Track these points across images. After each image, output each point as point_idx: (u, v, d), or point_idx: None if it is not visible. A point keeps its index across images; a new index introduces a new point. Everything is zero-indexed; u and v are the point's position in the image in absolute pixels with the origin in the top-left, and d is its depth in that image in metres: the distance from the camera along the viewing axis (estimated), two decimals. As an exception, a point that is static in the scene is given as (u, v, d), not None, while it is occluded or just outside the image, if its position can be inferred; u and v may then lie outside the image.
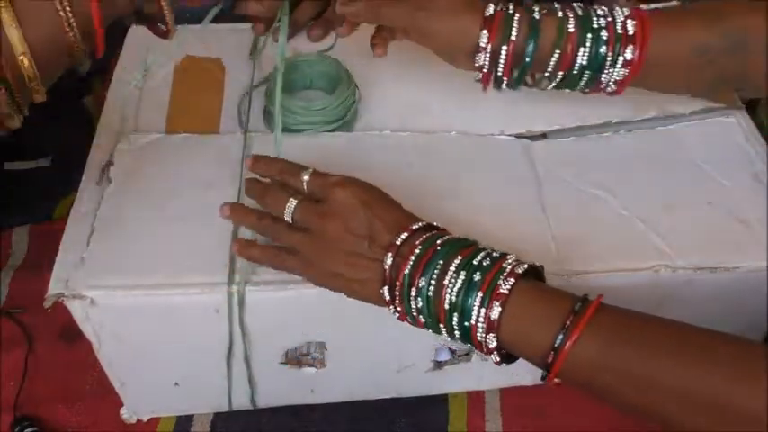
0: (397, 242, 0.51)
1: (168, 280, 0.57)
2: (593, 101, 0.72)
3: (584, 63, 0.58)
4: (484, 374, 0.70)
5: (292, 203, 0.54)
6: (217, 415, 0.71)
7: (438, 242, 0.51)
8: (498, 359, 0.50)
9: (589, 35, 0.57)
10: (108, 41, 0.51)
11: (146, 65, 0.74)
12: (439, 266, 0.50)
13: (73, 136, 0.68)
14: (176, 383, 0.67)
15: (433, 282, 0.50)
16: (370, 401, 0.72)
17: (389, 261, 0.51)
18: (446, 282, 0.49)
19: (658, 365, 0.45)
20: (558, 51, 0.58)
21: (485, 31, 0.57)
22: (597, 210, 0.63)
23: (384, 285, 0.52)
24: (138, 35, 0.77)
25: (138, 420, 0.71)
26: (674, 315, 0.64)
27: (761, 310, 0.64)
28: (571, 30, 0.57)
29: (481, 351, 0.50)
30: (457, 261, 0.50)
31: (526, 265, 0.50)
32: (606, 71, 0.58)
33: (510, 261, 0.50)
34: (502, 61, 0.58)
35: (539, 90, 0.73)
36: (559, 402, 0.72)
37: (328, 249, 0.53)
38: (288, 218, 0.55)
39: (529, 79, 0.61)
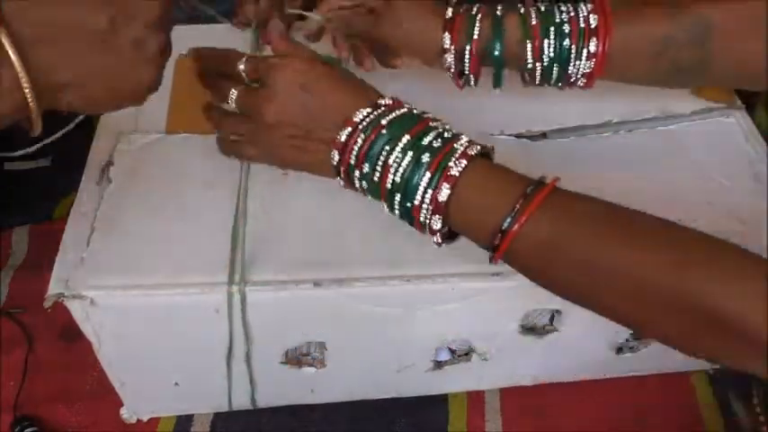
0: (340, 138, 0.50)
1: (168, 280, 0.57)
2: (594, 101, 0.72)
3: (552, 55, 0.59)
4: (484, 374, 0.70)
5: (233, 93, 0.54)
6: (217, 415, 0.71)
7: (383, 122, 0.50)
8: (440, 240, 0.50)
9: (552, 28, 0.58)
10: None
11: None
12: (385, 151, 0.49)
13: (73, 136, 0.68)
14: (176, 383, 0.67)
15: (378, 166, 0.49)
16: (370, 401, 0.72)
17: (335, 157, 0.51)
18: (391, 162, 0.49)
19: (604, 248, 0.44)
20: (528, 42, 0.59)
21: (447, 34, 0.59)
22: (597, 210, 0.63)
23: (334, 172, 0.52)
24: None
25: (138, 420, 0.71)
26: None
27: (761, 310, 0.64)
28: (534, 23, 0.59)
29: (422, 231, 0.50)
30: (404, 141, 0.49)
31: (479, 146, 0.49)
32: (573, 64, 0.60)
33: (462, 142, 0.49)
34: (467, 60, 0.60)
35: (537, 89, 0.74)
36: (559, 402, 0.72)
37: (270, 134, 0.53)
38: (232, 106, 0.54)
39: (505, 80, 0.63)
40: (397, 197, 0.49)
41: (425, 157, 0.48)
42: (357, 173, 0.50)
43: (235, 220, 0.61)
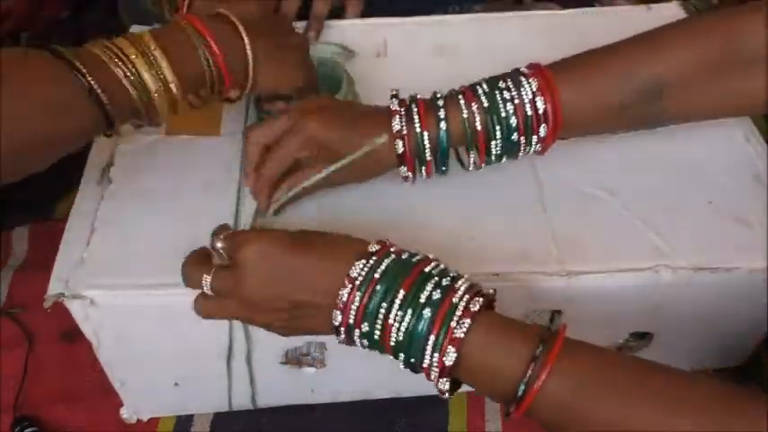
0: (342, 297, 0.48)
1: (168, 280, 0.57)
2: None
3: (499, 153, 0.59)
4: (484, 374, 0.70)
5: (207, 279, 0.51)
6: (217, 415, 0.71)
7: (376, 275, 0.48)
8: (448, 395, 0.48)
9: (498, 128, 0.57)
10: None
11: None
12: (383, 308, 0.47)
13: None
14: (176, 383, 0.67)
15: (377, 326, 0.47)
16: (370, 401, 0.72)
17: (338, 317, 0.48)
18: (391, 321, 0.47)
19: (624, 412, 0.43)
20: (474, 148, 0.58)
21: (399, 141, 0.57)
22: (597, 210, 0.63)
23: (334, 332, 0.50)
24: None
25: (138, 420, 0.71)
26: (675, 315, 0.64)
27: (761, 311, 0.64)
28: (479, 128, 0.57)
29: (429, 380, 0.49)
30: (401, 296, 0.47)
31: (481, 300, 0.47)
32: (522, 150, 0.59)
33: (461, 292, 0.47)
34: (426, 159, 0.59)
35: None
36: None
37: (257, 311, 0.51)
38: (209, 292, 0.52)
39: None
40: (402, 356, 0.48)
41: (427, 313, 0.46)
42: (357, 332, 0.48)
43: (234, 220, 0.61)
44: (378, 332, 0.48)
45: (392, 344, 0.48)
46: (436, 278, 0.48)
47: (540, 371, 0.44)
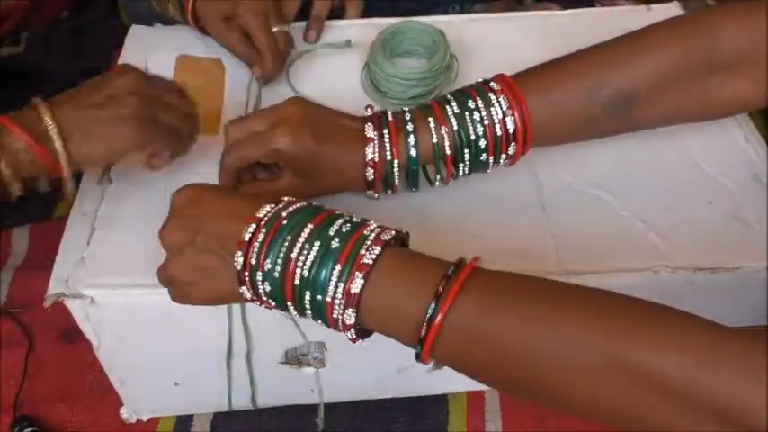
0: (244, 237, 0.46)
1: (168, 280, 0.57)
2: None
3: (467, 171, 0.59)
4: (484, 374, 0.70)
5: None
6: (217, 415, 0.71)
7: (284, 214, 0.46)
8: (354, 336, 0.46)
9: (467, 150, 0.57)
10: (108, 41, 0.53)
11: (146, 65, 0.74)
12: (287, 241, 0.45)
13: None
14: (176, 383, 0.67)
15: (279, 260, 0.45)
16: (370, 401, 0.72)
17: (239, 259, 0.46)
18: (294, 255, 0.45)
19: (540, 328, 0.41)
20: (442, 170, 0.59)
21: (370, 170, 0.57)
22: (597, 210, 0.63)
23: (238, 282, 0.48)
24: (138, 35, 0.77)
25: (138, 420, 0.71)
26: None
27: (761, 311, 0.64)
28: (448, 153, 0.57)
29: (335, 329, 0.46)
30: (308, 230, 0.45)
31: (393, 232, 0.46)
32: (491, 167, 0.60)
33: (373, 227, 0.46)
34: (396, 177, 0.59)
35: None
36: (559, 402, 0.72)
37: (170, 262, 0.50)
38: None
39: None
40: (307, 294, 0.45)
41: (335, 243, 0.44)
42: (259, 274, 0.46)
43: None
44: (279, 269, 0.45)
45: (296, 282, 0.45)
46: (346, 217, 0.47)
47: (450, 290, 0.42)
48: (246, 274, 0.46)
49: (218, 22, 0.72)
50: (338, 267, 0.44)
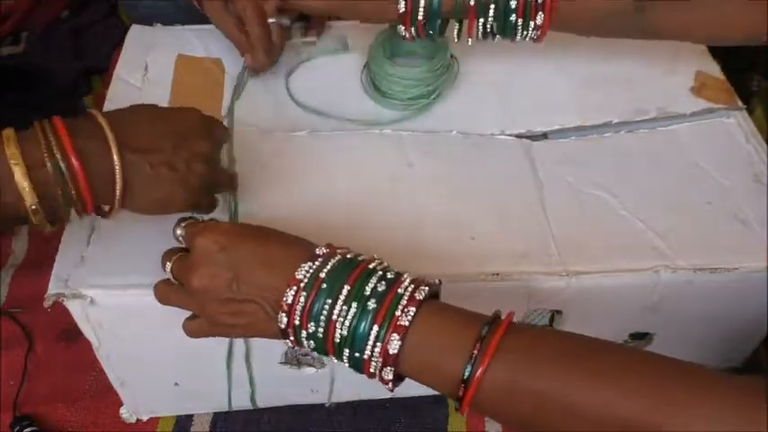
0: (287, 299, 0.47)
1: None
2: (594, 101, 0.72)
3: (495, 31, 0.61)
4: (484, 374, 0.70)
5: (168, 266, 0.52)
6: (217, 415, 0.71)
7: (322, 275, 0.47)
8: (392, 387, 0.47)
9: (492, 6, 0.59)
10: (108, 41, 0.52)
11: (146, 65, 0.74)
12: (327, 304, 0.46)
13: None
14: (176, 383, 0.67)
15: (322, 322, 0.47)
16: (370, 401, 0.72)
17: (283, 320, 0.48)
18: (334, 317, 0.46)
19: (573, 388, 0.42)
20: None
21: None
22: (597, 210, 0.63)
23: (282, 335, 0.49)
24: (138, 35, 0.77)
25: (138, 420, 0.71)
26: (675, 315, 0.64)
27: (761, 311, 0.64)
28: (471, 3, 0.59)
29: (370, 378, 0.47)
30: (345, 291, 0.46)
31: (426, 288, 0.46)
32: (519, 35, 0.61)
33: (407, 284, 0.46)
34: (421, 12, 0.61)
35: (538, 89, 0.74)
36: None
37: (202, 301, 0.50)
38: (171, 278, 0.52)
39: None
40: (346, 353, 0.46)
41: (371, 304, 0.45)
42: (304, 333, 0.47)
43: (229, 218, 0.61)
44: (322, 330, 0.47)
45: (336, 340, 0.46)
46: (380, 273, 0.47)
47: (485, 352, 0.43)
48: (291, 331, 0.48)
49: (216, 4, 0.71)
50: (375, 328, 0.45)
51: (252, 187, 0.62)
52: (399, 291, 0.46)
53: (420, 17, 0.60)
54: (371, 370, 0.46)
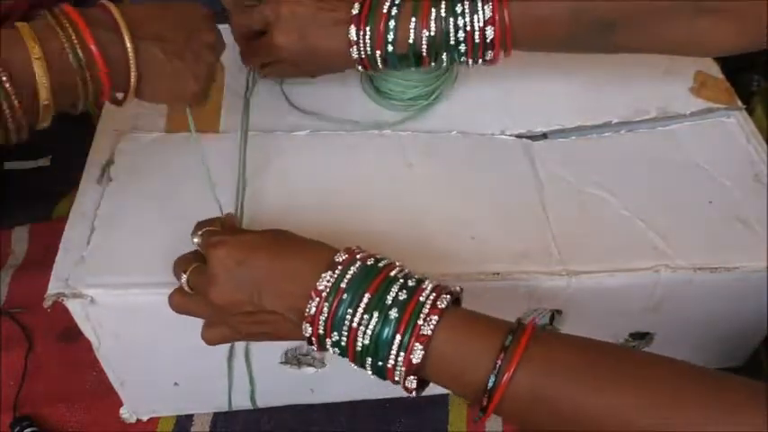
0: (309, 311, 0.47)
1: (169, 278, 0.56)
2: (594, 101, 0.72)
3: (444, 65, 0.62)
4: (484, 374, 0.70)
5: (184, 276, 0.52)
6: (217, 415, 0.71)
7: (343, 285, 0.47)
8: (414, 395, 0.47)
9: (445, 54, 0.60)
10: None
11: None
12: (349, 314, 0.46)
13: (73, 136, 0.68)
14: (176, 383, 0.67)
15: (345, 331, 0.47)
16: (370, 401, 0.72)
17: (308, 330, 0.48)
18: (355, 325, 0.46)
19: (595, 398, 0.42)
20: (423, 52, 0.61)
21: (353, 27, 0.61)
22: (597, 210, 0.63)
23: (307, 342, 0.49)
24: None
25: (138, 420, 0.71)
26: (675, 315, 0.64)
27: (761, 311, 0.64)
28: (424, 54, 0.60)
29: (394, 384, 0.48)
30: (366, 299, 0.46)
31: (448, 297, 0.46)
32: (470, 66, 0.62)
33: (428, 291, 0.46)
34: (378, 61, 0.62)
35: (538, 89, 0.74)
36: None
37: (224, 314, 0.50)
38: (186, 288, 0.52)
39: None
40: (369, 361, 0.47)
41: (393, 314, 0.45)
42: (328, 341, 0.48)
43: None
44: (345, 339, 0.47)
45: (358, 349, 0.47)
46: (401, 281, 0.47)
47: (510, 361, 0.43)
48: (315, 339, 0.48)
49: None
50: (398, 337, 0.45)
51: (252, 187, 0.62)
52: (421, 299, 0.46)
53: (378, 59, 0.61)
54: (396, 378, 0.46)
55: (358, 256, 0.49)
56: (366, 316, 0.46)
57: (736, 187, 0.65)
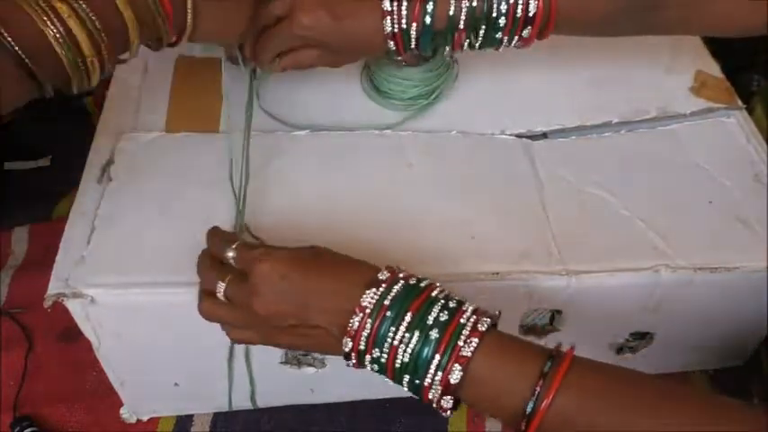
0: (352, 326, 0.48)
1: (169, 278, 0.57)
2: (594, 101, 0.72)
3: (477, 47, 0.60)
4: (484, 374, 0.70)
5: (221, 286, 0.52)
6: (217, 415, 0.71)
7: (386, 302, 0.47)
8: (449, 415, 0.48)
9: (483, 26, 0.58)
10: None
11: (146, 65, 0.74)
12: (391, 332, 0.47)
13: (73, 136, 0.68)
14: (176, 383, 0.67)
15: (385, 348, 0.47)
16: (370, 401, 0.72)
17: (348, 344, 0.48)
18: (396, 344, 0.47)
19: (628, 426, 0.43)
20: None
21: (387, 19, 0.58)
22: (597, 210, 0.64)
23: (345, 356, 0.50)
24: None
25: (138, 420, 0.71)
26: (675, 315, 0.64)
27: (761, 311, 0.64)
28: (462, 26, 0.57)
29: (429, 404, 0.48)
30: (408, 318, 0.47)
31: (488, 320, 0.47)
32: (503, 46, 0.60)
33: (468, 314, 0.47)
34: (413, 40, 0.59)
35: (538, 90, 0.74)
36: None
37: (266, 324, 0.51)
38: (222, 298, 0.52)
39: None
40: (406, 378, 0.47)
41: (434, 334, 0.46)
42: (368, 357, 0.48)
43: (235, 219, 0.61)
44: (385, 356, 0.48)
45: (396, 366, 0.47)
46: (442, 301, 0.48)
47: (549, 388, 0.43)
48: (354, 354, 0.49)
49: None
50: (437, 357, 0.46)
51: (252, 187, 0.62)
52: (462, 321, 0.46)
53: (413, 34, 0.58)
54: (430, 396, 0.47)
55: (400, 275, 0.49)
56: (407, 334, 0.46)
57: (736, 187, 0.65)
